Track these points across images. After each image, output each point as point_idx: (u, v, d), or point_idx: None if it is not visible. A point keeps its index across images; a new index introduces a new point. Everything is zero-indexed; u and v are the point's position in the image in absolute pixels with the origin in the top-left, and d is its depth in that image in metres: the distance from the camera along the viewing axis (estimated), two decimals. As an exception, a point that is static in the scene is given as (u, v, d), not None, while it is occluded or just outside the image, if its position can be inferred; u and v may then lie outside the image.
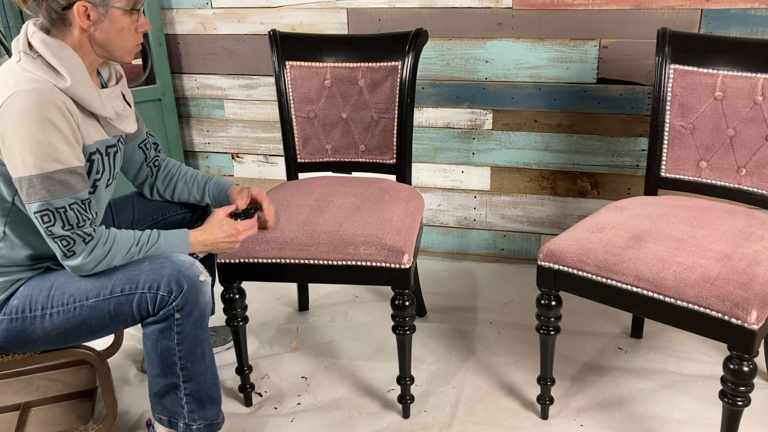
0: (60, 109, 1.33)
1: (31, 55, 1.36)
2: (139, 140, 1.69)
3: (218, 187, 1.77)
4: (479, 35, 2.32)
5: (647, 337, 2.10)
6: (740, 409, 1.43)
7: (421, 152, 2.53)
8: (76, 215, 1.37)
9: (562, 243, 1.61)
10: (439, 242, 2.66)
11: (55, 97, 1.33)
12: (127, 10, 1.39)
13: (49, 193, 1.34)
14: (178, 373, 1.50)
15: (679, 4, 2.11)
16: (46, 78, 1.34)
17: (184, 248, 1.53)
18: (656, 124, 1.86)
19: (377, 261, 1.64)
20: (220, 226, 1.58)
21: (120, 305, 1.43)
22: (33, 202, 1.34)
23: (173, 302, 1.43)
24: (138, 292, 1.43)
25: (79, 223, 1.38)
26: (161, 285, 1.42)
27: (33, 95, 1.30)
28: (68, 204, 1.36)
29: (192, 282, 1.44)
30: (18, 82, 1.32)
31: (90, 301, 1.43)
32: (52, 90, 1.33)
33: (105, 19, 1.37)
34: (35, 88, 1.31)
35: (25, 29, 1.38)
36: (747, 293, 1.36)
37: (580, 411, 1.81)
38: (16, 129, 1.30)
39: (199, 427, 1.56)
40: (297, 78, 2.04)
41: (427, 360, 2.04)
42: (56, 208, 1.35)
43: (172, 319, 1.45)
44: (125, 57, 1.47)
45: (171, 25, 2.63)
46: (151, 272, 1.43)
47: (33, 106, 1.30)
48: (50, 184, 1.33)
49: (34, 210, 1.36)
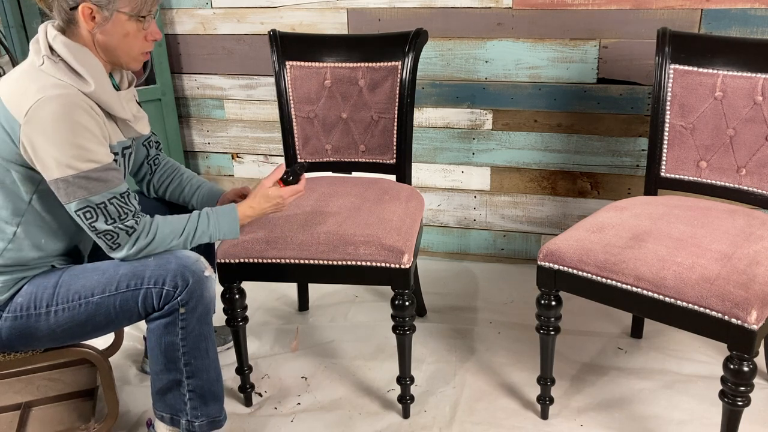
0: (87, 111, 1.35)
1: (53, 59, 1.36)
2: (143, 138, 1.70)
3: (210, 194, 1.77)
4: (479, 35, 2.32)
5: (647, 337, 2.10)
6: (740, 409, 1.43)
7: (421, 152, 2.54)
8: (116, 209, 1.39)
9: (562, 243, 1.61)
10: (439, 242, 2.66)
11: (81, 101, 1.34)
12: (132, 16, 1.39)
13: (87, 191, 1.36)
14: (181, 368, 1.51)
15: (679, 4, 2.11)
16: (70, 83, 1.35)
17: (235, 230, 1.57)
18: (656, 124, 1.86)
19: (377, 261, 1.64)
20: (266, 198, 1.61)
21: (126, 301, 1.44)
22: (72, 201, 1.36)
23: (178, 297, 1.44)
24: (144, 287, 1.43)
25: (121, 216, 1.40)
26: (167, 280, 1.43)
27: (60, 100, 1.31)
28: (107, 199, 1.38)
29: (197, 277, 1.45)
30: (43, 87, 1.33)
31: (96, 297, 1.43)
32: (78, 94, 1.34)
33: (109, 22, 1.37)
34: (61, 94, 1.32)
35: (45, 31, 1.39)
36: (747, 293, 1.36)
37: (580, 411, 1.81)
38: (46, 134, 1.31)
39: (202, 423, 1.56)
40: (297, 78, 2.04)
41: (427, 360, 2.04)
42: (96, 204, 1.37)
43: (177, 313, 1.45)
44: (131, 64, 1.47)
45: (171, 25, 2.63)
46: (157, 267, 1.44)
47: (62, 111, 1.31)
48: (87, 183, 1.35)
49: (74, 209, 1.37)
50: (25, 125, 1.32)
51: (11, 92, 1.35)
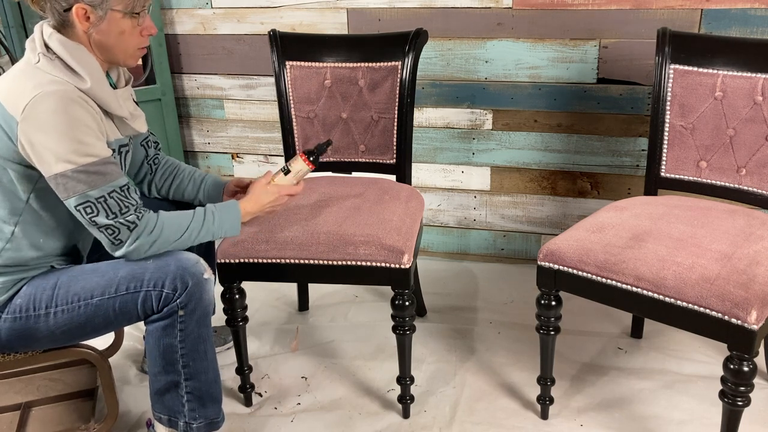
0: (83, 106, 1.34)
1: (49, 56, 1.36)
2: (141, 138, 1.70)
3: (214, 187, 1.77)
4: (479, 35, 2.32)
5: (647, 337, 2.10)
6: (740, 409, 1.43)
7: (421, 152, 2.53)
8: (117, 203, 1.38)
9: (562, 243, 1.61)
10: (439, 242, 2.66)
11: (77, 96, 1.34)
12: (126, 13, 1.38)
13: (86, 185, 1.35)
14: (179, 370, 1.51)
15: (679, 4, 2.11)
16: (66, 79, 1.35)
17: (237, 226, 1.57)
18: (656, 124, 1.86)
19: (377, 261, 1.64)
20: (266, 192, 1.62)
21: (125, 303, 1.44)
22: (71, 197, 1.36)
23: (177, 299, 1.44)
24: (143, 289, 1.43)
25: (122, 210, 1.39)
26: (166, 282, 1.43)
27: (57, 96, 1.31)
28: (107, 192, 1.37)
29: (197, 279, 1.45)
30: (39, 83, 1.33)
31: (95, 299, 1.43)
32: (74, 90, 1.34)
33: (104, 21, 1.37)
34: (58, 90, 1.32)
35: (40, 30, 1.38)
36: (747, 293, 1.36)
37: (580, 411, 1.81)
38: (43, 129, 1.31)
39: (200, 425, 1.56)
40: (297, 78, 2.04)
41: (427, 360, 2.04)
42: (96, 198, 1.36)
43: (176, 316, 1.45)
44: (128, 61, 1.47)
45: (171, 25, 2.63)
46: (156, 270, 1.44)
47: (58, 106, 1.31)
48: (86, 177, 1.35)
49: (73, 204, 1.37)
50: (23, 122, 1.32)
51: (8, 90, 1.35)
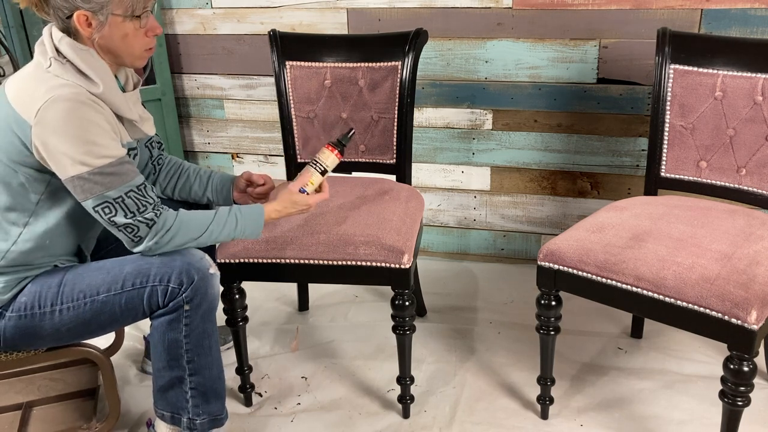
0: (96, 108, 1.35)
1: (60, 60, 1.36)
2: (146, 139, 1.70)
3: (222, 183, 1.76)
4: (479, 35, 2.32)
5: (647, 337, 2.10)
6: (740, 409, 1.43)
7: (421, 152, 2.54)
8: (134, 202, 1.39)
9: (562, 243, 1.61)
10: (439, 242, 2.66)
11: (89, 99, 1.34)
12: (127, 16, 1.38)
13: (103, 187, 1.35)
14: (184, 366, 1.51)
15: (679, 4, 2.11)
16: (78, 83, 1.35)
17: (258, 232, 1.56)
18: (656, 124, 1.86)
19: (377, 261, 1.64)
20: (294, 203, 1.60)
21: (131, 299, 1.44)
22: (89, 198, 1.36)
23: (183, 294, 1.44)
24: (149, 285, 1.43)
25: (140, 209, 1.39)
26: (172, 277, 1.43)
27: (69, 99, 1.32)
28: (124, 192, 1.38)
29: (202, 274, 1.45)
30: (52, 87, 1.33)
31: (101, 296, 1.43)
32: (86, 93, 1.35)
33: (105, 26, 1.37)
34: (70, 93, 1.32)
35: (50, 34, 1.38)
36: (747, 293, 1.36)
37: (580, 411, 1.81)
38: (58, 133, 1.31)
39: (203, 421, 1.56)
40: (297, 78, 2.04)
41: (427, 360, 2.04)
42: (114, 198, 1.37)
43: (182, 310, 1.45)
44: (135, 62, 1.46)
45: (171, 25, 2.63)
46: (162, 265, 1.44)
47: (72, 109, 1.31)
48: (102, 178, 1.35)
49: (91, 206, 1.37)
50: (36, 126, 1.32)
51: (19, 95, 1.35)
